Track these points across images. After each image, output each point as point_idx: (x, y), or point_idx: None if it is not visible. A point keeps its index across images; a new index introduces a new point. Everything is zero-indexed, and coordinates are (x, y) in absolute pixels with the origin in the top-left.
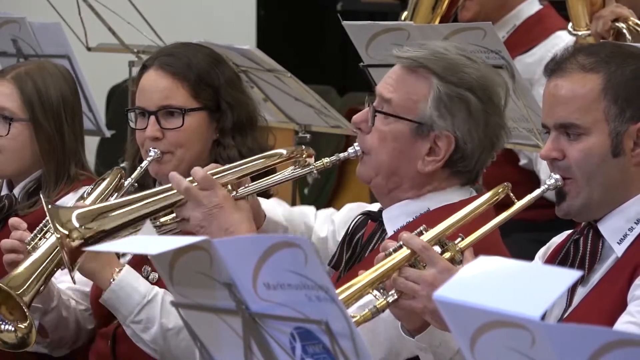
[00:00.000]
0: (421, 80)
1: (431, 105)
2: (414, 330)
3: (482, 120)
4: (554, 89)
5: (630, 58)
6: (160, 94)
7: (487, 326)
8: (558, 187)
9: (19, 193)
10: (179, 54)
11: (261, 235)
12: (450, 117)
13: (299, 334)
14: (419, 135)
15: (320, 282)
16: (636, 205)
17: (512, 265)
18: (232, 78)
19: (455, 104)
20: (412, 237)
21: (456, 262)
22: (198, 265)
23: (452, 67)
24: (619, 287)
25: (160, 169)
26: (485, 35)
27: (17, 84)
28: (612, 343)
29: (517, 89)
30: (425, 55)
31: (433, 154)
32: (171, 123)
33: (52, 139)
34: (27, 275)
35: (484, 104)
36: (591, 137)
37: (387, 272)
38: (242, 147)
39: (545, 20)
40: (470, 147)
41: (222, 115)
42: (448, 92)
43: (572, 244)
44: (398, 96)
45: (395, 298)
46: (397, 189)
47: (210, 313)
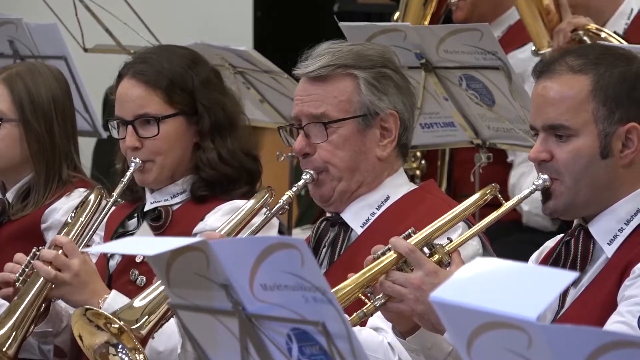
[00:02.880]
0: (342, 79)
1: (366, 93)
2: (406, 332)
3: (405, 88)
4: (543, 90)
5: (619, 60)
6: (134, 103)
7: (483, 327)
8: (546, 187)
9: (12, 198)
10: (152, 60)
11: (257, 236)
12: (386, 96)
13: (296, 335)
14: (367, 125)
15: (317, 283)
16: (626, 206)
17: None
18: (208, 78)
19: (383, 83)
20: (399, 240)
21: (444, 265)
22: (195, 267)
23: (359, 55)
24: (609, 288)
25: (144, 177)
26: (482, 37)
27: (7, 84)
28: (609, 344)
29: (513, 90)
30: (332, 58)
31: (384, 137)
32: (148, 131)
33: (42, 139)
34: (9, 332)
35: (398, 74)
36: (580, 138)
37: (374, 276)
38: (221, 149)
39: None
40: (407, 116)
41: (200, 118)
42: (372, 75)
43: (564, 246)
44: (329, 105)
45: (382, 302)
46: (360, 186)
47: (207, 314)
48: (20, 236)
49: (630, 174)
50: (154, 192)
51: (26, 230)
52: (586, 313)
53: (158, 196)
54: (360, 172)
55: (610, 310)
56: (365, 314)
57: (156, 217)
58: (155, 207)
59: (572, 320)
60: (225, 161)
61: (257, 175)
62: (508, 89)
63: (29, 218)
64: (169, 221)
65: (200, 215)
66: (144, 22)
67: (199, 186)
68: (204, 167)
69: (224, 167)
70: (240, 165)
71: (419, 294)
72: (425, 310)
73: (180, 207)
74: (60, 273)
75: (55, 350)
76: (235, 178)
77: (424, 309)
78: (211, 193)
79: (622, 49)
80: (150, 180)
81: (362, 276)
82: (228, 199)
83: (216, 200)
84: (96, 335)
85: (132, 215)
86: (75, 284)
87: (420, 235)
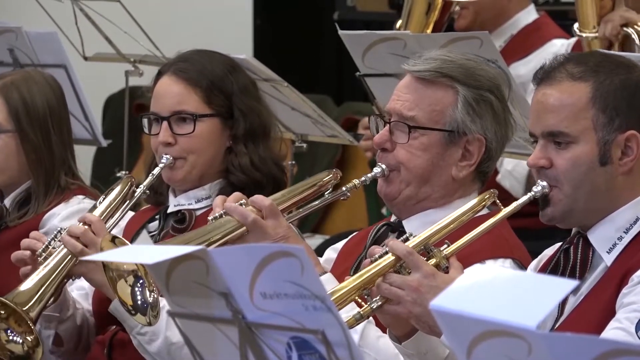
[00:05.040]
0: (443, 89)
1: (461, 111)
2: (402, 336)
3: (502, 119)
4: (543, 97)
5: (619, 68)
6: (173, 99)
7: (483, 335)
8: (545, 194)
9: (10, 204)
10: (194, 60)
11: (257, 244)
12: (479, 120)
13: (295, 343)
14: (451, 142)
15: (317, 291)
16: (625, 214)
17: (509, 275)
18: (246, 86)
19: (482, 107)
20: (397, 243)
21: (441, 269)
22: (194, 275)
23: (469, 72)
24: (608, 296)
25: (173, 175)
26: (482, 45)
27: (2, 94)
28: (609, 352)
29: (513, 98)
30: (441, 65)
31: (465, 158)
32: (183, 129)
33: (39, 149)
34: (34, 291)
35: (501, 102)
36: (579, 145)
37: (371, 278)
38: (254, 155)
39: (542, 28)
40: (495, 146)
41: (235, 123)
42: (474, 96)
43: (563, 254)
44: (421, 110)
45: (379, 304)
46: (426, 199)
47: (207, 322)
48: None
49: (629, 182)
50: (177, 196)
51: (24, 236)
52: (585, 321)
53: (182, 200)
54: (430, 185)
55: (609, 317)
56: (362, 316)
57: (180, 219)
58: (179, 209)
59: (572, 327)
60: (256, 167)
61: (282, 185)
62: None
63: (28, 224)
64: (192, 225)
65: None
66: (144, 30)
67: (225, 191)
68: (235, 170)
69: (255, 173)
70: (269, 172)
71: (416, 296)
72: (423, 313)
73: (204, 211)
74: (87, 249)
75: (55, 338)
76: (263, 185)
77: (421, 311)
78: None
79: (622, 57)
80: (179, 178)
81: (359, 278)
82: None
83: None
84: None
85: (154, 218)
86: (100, 262)
87: (417, 239)
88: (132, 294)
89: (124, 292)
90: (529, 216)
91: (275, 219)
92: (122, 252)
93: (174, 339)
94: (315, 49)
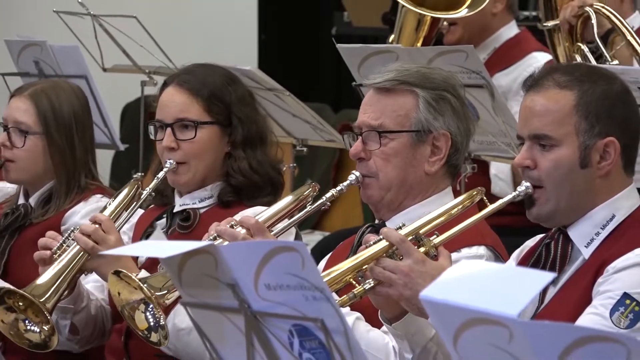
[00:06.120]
0: (403, 95)
1: (423, 111)
2: (392, 318)
3: (462, 114)
4: (531, 103)
5: (601, 79)
6: (176, 107)
7: (468, 323)
8: (528, 194)
9: (34, 203)
10: (196, 73)
11: (262, 240)
12: (441, 117)
13: (297, 330)
14: (420, 141)
15: (316, 283)
16: (602, 212)
17: (492, 268)
18: (244, 96)
19: (441, 105)
20: (391, 231)
21: (430, 256)
22: (204, 268)
23: (424, 76)
24: (584, 286)
25: (176, 178)
26: (467, 57)
27: (33, 100)
28: (583, 339)
29: (496, 106)
30: (398, 74)
31: (435, 154)
32: (185, 135)
33: (63, 151)
34: (50, 284)
35: (458, 100)
36: (562, 148)
37: (365, 261)
38: (252, 160)
39: (523, 42)
40: (460, 139)
41: (233, 130)
42: (432, 96)
43: (544, 248)
44: (387, 117)
45: (372, 286)
46: (407, 197)
47: (216, 311)
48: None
49: (606, 184)
50: (182, 196)
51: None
52: (564, 309)
53: (187, 200)
54: (407, 184)
55: (585, 305)
56: (355, 296)
57: (185, 217)
58: (184, 209)
59: (551, 315)
60: (254, 170)
61: (280, 187)
62: (491, 106)
63: (50, 221)
64: (197, 223)
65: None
66: (158, 44)
67: (226, 192)
68: (235, 173)
69: (253, 175)
70: (266, 175)
71: (407, 280)
72: (413, 295)
73: (207, 210)
74: (98, 246)
75: (71, 327)
76: (261, 186)
77: (411, 294)
78: (237, 199)
79: (604, 69)
80: (182, 182)
81: (354, 260)
82: (252, 205)
83: (241, 205)
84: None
85: (161, 217)
86: (110, 258)
87: (409, 228)
88: (146, 319)
89: (140, 321)
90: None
91: (262, 235)
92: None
93: (182, 325)
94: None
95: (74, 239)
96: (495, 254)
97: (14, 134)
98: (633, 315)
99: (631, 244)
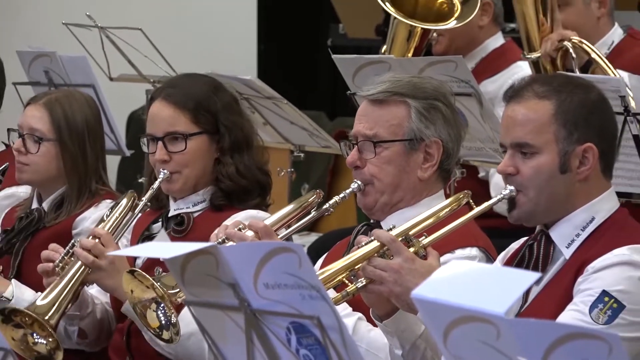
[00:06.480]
0: (396, 106)
1: (415, 121)
2: (383, 315)
3: (452, 121)
4: (512, 113)
5: (578, 88)
6: (165, 122)
7: (458, 321)
8: (512, 197)
9: (47, 207)
10: (180, 85)
11: (261, 242)
12: (433, 125)
13: (294, 327)
14: (413, 149)
15: (313, 282)
16: (582, 215)
17: (480, 268)
18: (229, 103)
19: (432, 114)
20: (382, 232)
21: (420, 256)
22: (206, 268)
23: (416, 86)
24: (566, 285)
25: (170, 187)
26: (457, 67)
27: (47, 108)
28: (567, 335)
29: (484, 114)
30: (391, 86)
31: (427, 161)
32: (176, 147)
33: (75, 157)
34: (53, 301)
35: (448, 108)
36: (542, 155)
37: (358, 261)
38: (239, 164)
39: (508, 52)
40: (451, 145)
41: (221, 137)
42: (424, 105)
43: (527, 249)
44: (381, 127)
45: (364, 284)
46: (400, 202)
47: (217, 310)
48: (53, 240)
49: (585, 188)
50: (177, 200)
51: (59, 235)
52: (546, 307)
53: (181, 204)
54: (401, 189)
55: (567, 303)
56: (348, 294)
57: (179, 222)
58: (178, 213)
59: (534, 313)
60: (242, 174)
61: (268, 188)
62: (479, 113)
63: (62, 225)
64: (190, 226)
65: (218, 222)
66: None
67: (217, 196)
68: (224, 179)
69: (241, 180)
70: (254, 178)
71: (397, 277)
72: (403, 292)
73: (200, 214)
74: (97, 260)
75: (79, 332)
76: (249, 190)
77: (401, 290)
78: (228, 202)
79: (582, 79)
80: (176, 189)
81: (347, 260)
82: (243, 208)
83: (232, 209)
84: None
85: (157, 220)
86: (109, 270)
87: (399, 229)
88: (157, 317)
89: (152, 319)
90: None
91: (269, 238)
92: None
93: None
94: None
95: (75, 254)
96: (487, 255)
97: (29, 141)
98: (611, 312)
99: (610, 244)
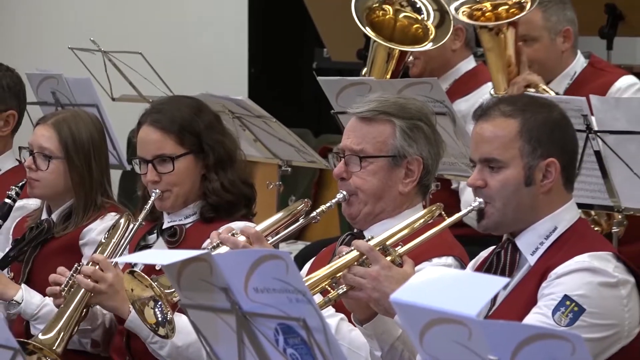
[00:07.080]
0: (382, 124)
1: (399, 139)
2: (363, 320)
3: (433, 140)
4: (480, 130)
5: (542, 107)
6: (153, 145)
7: (433, 322)
8: (481, 208)
9: (56, 218)
10: (165, 110)
11: (251, 249)
12: (415, 144)
13: (282, 328)
14: (395, 165)
15: (299, 287)
16: (545, 224)
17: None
18: (211, 122)
19: (415, 133)
20: (361, 242)
21: (396, 264)
22: (200, 274)
23: (401, 107)
24: (530, 290)
25: (163, 204)
26: (432, 89)
27: (56, 128)
28: (534, 336)
29: (457, 131)
30: (378, 105)
31: (408, 176)
32: (165, 168)
33: (82, 173)
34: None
35: (430, 127)
36: (509, 169)
37: (339, 269)
38: (224, 180)
39: (479, 74)
40: (431, 162)
41: (205, 155)
42: (408, 125)
43: (495, 256)
44: (367, 143)
45: (344, 290)
46: (381, 212)
47: (210, 312)
48: (62, 250)
49: (548, 200)
50: (170, 214)
51: (67, 245)
52: (513, 311)
53: (174, 217)
54: (383, 201)
55: (531, 307)
56: (330, 300)
57: (172, 233)
58: (171, 225)
59: (501, 316)
60: (227, 189)
61: (253, 200)
62: (453, 131)
63: (70, 236)
64: (183, 237)
65: (208, 233)
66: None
67: (206, 209)
68: (210, 194)
69: (226, 195)
70: (239, 192)
71: (375, 284)
72: (380, 297)
73: (191, 226)
74: (98, 285)
75: (92, 343)
76: (235, 203)
77: (379, 296)
78: (217, 215)
79: (545, 98)
80: (168, 207)
81: (329, 269)
82: (230, 220)
83: (221, 221)
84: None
85: (152, 232)
86: (110, 293)
87: (377, 239)
88: (154, 314)
89: (149, 316)
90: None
91: (260, 243)
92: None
93: (179, 343)
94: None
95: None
96: (461, 263)
97: (39, 158)
98: (572, 315)
99: (571, 252)
